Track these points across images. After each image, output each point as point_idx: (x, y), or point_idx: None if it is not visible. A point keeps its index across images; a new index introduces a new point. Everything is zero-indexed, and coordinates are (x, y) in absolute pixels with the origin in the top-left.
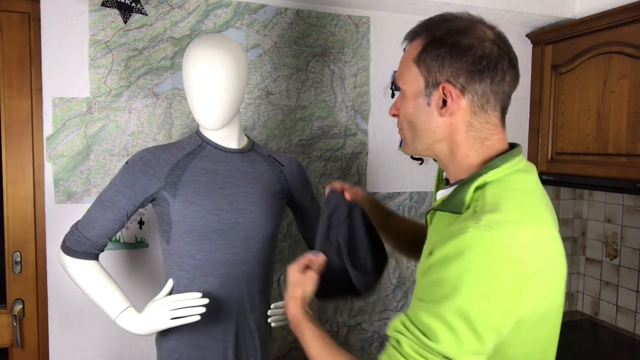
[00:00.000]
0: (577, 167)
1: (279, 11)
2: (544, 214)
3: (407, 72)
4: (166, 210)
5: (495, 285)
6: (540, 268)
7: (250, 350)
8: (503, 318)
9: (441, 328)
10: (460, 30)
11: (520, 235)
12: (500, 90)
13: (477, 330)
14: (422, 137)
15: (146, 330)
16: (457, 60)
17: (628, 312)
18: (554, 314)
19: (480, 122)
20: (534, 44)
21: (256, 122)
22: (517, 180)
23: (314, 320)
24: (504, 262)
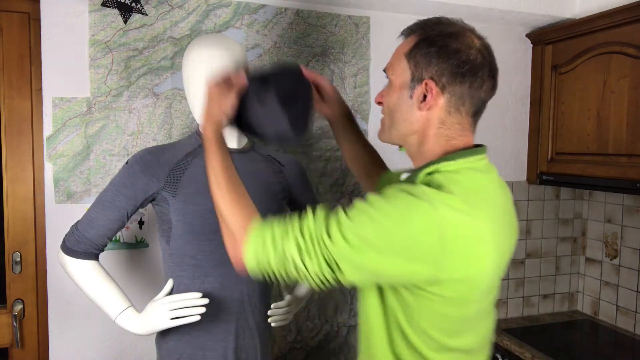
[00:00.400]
0: (577, 167)
1: (279, 11)
2: (485, 212)
3: (397, 65)
4: (166, 210)
5: (408, 237)
6: (453, 253)
7: (250, 350)
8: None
9: (336, 228)
10: (451, 35)
11: (454, 217)
12: (477, 96)
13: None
14: (399, 126)
15: (146, 330)
16: (443, 61)
17: (628, 312)
18: (472, 303)
19: (452, 122)
20: (534, 44)
21: None
22: (468, 176)
23: (222, 145)
24: (431, 225)
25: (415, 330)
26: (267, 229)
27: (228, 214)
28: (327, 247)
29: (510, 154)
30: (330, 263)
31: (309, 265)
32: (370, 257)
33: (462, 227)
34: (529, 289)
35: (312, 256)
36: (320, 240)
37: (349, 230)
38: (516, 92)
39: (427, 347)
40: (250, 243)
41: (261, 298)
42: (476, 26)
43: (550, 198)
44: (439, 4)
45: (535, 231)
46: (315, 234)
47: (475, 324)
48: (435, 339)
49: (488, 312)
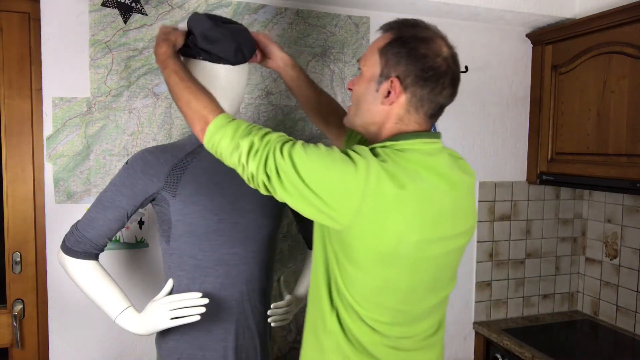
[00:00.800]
0: (577, 167)
1: (279, 11)
2: (415, 187)
3: (371, 58)
4: (166, 210)
5: (340, 180)
6: (369, 208)
7: (250, 350)
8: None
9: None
10: (423, 39)
11: (381, 178)
12: (435, 100)
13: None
14: (362, 116)
15: (146, 330)
16: (411, 64)
17: (628, 312)
18: (390, 267)
19: (409, 120)
20: (534, 44)
21: (256, 122)
22: (408, 154)
23: (177, 57)
24: (361, 178)
25: (345, 282)
26: (235, 122)
27: (197, 102)
28: (275, 158)
29: (510, 154)
30: (270, 171)
31: (251, 163)
32: (305, 185)
33: (386, 188)
34: (529, 289)
35: (257, 158)
36: (272, 150)
37: (299, 156)
38: (516, 92)
39: (355, 300)
40: (216, 123)
41: (261, 298)
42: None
43: (550, 198)
44: (439, 4)
45: (535, 231)
46: (271, 143)
47: (405, 290)
48: (362, 293)
49: (427, 286)
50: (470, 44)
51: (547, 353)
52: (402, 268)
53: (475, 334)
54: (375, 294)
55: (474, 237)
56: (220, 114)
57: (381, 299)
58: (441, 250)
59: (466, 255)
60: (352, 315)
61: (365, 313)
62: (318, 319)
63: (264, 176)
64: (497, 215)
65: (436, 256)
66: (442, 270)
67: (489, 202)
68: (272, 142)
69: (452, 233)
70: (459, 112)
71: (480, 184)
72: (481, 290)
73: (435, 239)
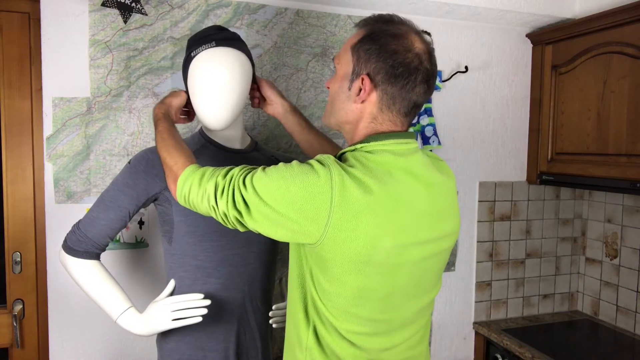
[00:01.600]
0: (577, 167)
1: (279, 11)
2: (387, 189)
3: (344, 56)
4: (168, 210)
5: (305, 195)
6: (339, 217)
7: (251, 351)
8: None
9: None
10: (394, 35)
11: (346, 184)
12: (407, 97)
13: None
14: (336, 114)
15: (147, 331)
16: (381, 60)
17: (628, 312)
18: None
19: (383, 119)
20: (534, 44)
21: (256, 122)
22: (379, 156)
23: (168, 119)
24: (326, 188)
25: (320, 295)
26: (201, 170)
27: (171, 159)
28: (240, 192)
29: (510, 154)
30: (239, 206)
31: (220, 204)
32: (272, 208)
33: (352, 195)
34: (529, 289)
35: (224, 197)
36: (236, 185)
37: (260, 181)
38: (516, 92)
39: (332, 314)
40: (183, 176)
41: (263, 299)
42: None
43: (550, 198)
44: (439, 4)
45: (535, 231)
46: (235, 179)
47: (384, 297)
48: (339, 306)
49: (406, 293)
50: (470, 44)
51: (547, 353)
52: (378, 275)
53: (475, 334)
54: (351, 305)
55: (474, 237)
56: (187, 167)
57: (358, 310)
58: (420, 255)
59: (466, 255)
60: (330, 329)
61: (342, 326)
62: (294, 336)
63: (235, 212)
64: (497, 215)
65: (415, 261)
66: (423, 275)
67: (489, 202)
68: (235, 176)
69: (431, 236)
70: (459, 112)
71: (480, 184)
72: (481, 290)
73: (412, 243)
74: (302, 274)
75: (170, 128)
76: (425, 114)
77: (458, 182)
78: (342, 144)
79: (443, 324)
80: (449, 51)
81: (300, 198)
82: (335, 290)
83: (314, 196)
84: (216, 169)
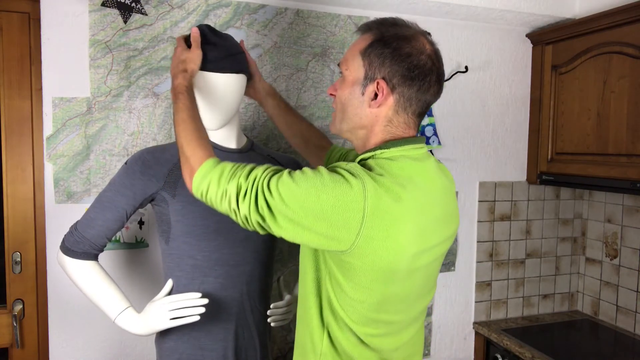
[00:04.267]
0: (577, 167)
1: (279, 11)
2: (410, 195)
3: (352, 61)
4: (165, 210)
5: (336, 204)
6: (372, 225)
7: (249, 350)
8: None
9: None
10: (406, 38)
11: (378, 193)
12: (423, 99)
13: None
14: (349, 120)
15: (146, 331)
16: (396, 63)
17: (628, 312)
18: (393, 281)
19: (398, 121)
20: (534, 44)
21: (256, 122)
22: (400, 162)
23: (192, 93)
24: (358, 197)
25: (340, 301)
26: (218, 168)
27: (188, 148)
28: (265, 196)
29: (510, 154)
30: (262, 211)
31: (242, 207)
32: (300, 215)
33: (384, 204)
34: (529, 289)
35: (246, 200)
36: (260, 188)
37: (287, 188)
38: (516, 92)
39: (351, 319)
40: (201, 172)
41: (261, 298)
42: (476, 26)
43: (550, 198)
44: (439, 4)
45: (535, 231)
46: (258, 181)
47: (400, 302)
48: (360, 311)
49: (417, 294)
50: (470, 44)
51: (547, 353)
52: (400, 281)
53: (475, 334)
54: (373, 310)
55: (474, 237)
56: (205, 161)
57: (379, 314)
58: (430, 258)
59: (466, 255)
60: (347, 333)
61: (361, 330)
62: (307, 342)
63: (258, 217)
64: (497, 215)
65: (426, 264)
66: (430, 277)
67: (489, 202)
68: (259, 179)
69: (439, 240)
70: (459, 112)
71: (480, 184)
72: (481, 290)
73: (427, 248)
74: (319, 279)
75: (192, 107)
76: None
77: (458, 182)
78: (341, 145)
79: (443, 324)
80: (449, 51)
81: (331, 207)
82: (360, 298)
83: (346, 205)
84: (236, 165)
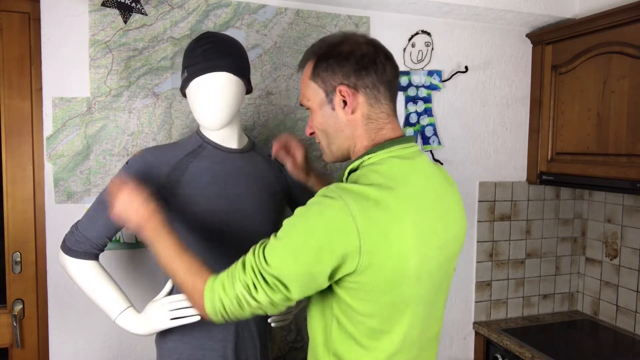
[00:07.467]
0: (577, 167)
1: (279, 11)
2: (403, 197)
3: (308, 90)
4: (165, 210)
5: (328, 233)
6: (370, 240)
7: (250, 350)
8: (299, 265)
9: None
10: (338, 43)
11: (365, 207)
12: (385, 80)
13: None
14: (335, 139)
15: (146, 331)
16: (344, 65)
17: (628, 312)
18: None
19: (376, 113)
20: (534, 44)
21: (256, 122)
22: (389, 164)
23: (163, 228)
24: (346, 218)
25: (350, 319)
26: (217, 282)
27: (184, 282)
28: (268, 272)
29: (510, 154)
30: (276, 287)
31: (258, 297)
32: (304, 262)
33: (374, 215)
34: (529, 289)
35: (258, 288)
36: (261, 269)
37: (279, 248)
38: (516, 92)
39: (362, 334)
40: (207, 299)
41: None
42: (476, 26)
43: (550, 198)
44: (439, 3)
45: (535, 231)
46: (255, 266)
47: (411, 310)
48: (369, 325)
49: (427, 301)
50: (470, 44)
51: (547, 353)
52: (407, 288)
53: (475, 334)
54: (383, 322)
55: (474, 237)
56: (205, 287)
57: (389, 326)
58: (436, 263)
59: (466, 255)
60: (357, 351)
61: (370, 344)
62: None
63: (278, 295)
64: (497, 215)
65: (433, 270)
66: (439, 285)
67: (489, 202)
68: (255, 263)
69: (443, 239)
70: (459, 112)
71: (480, 184)
72: (481, 290)
73: (430, 248)
74: (323, 302)
75: (171, 243)
76: (425, 114)
77: (458, 182)
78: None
79: (443, 324)
80: (449, 51)
81: (326, 240)
82: (367, 312)
83: (338, 232)
84: (229, 269)
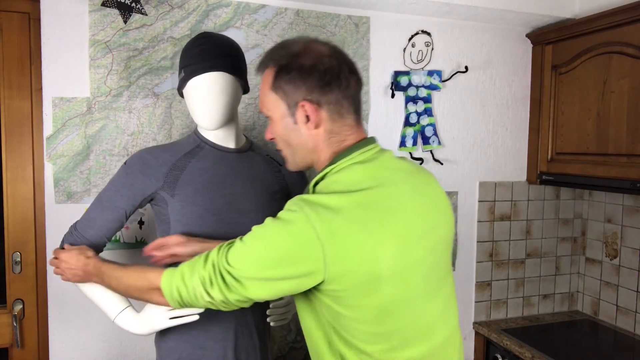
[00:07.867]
0: (577, 167)
1: (279, 11)
2: (369, 200)
3: (267, 100)
4: (165, 210)
5: (291, 245)
6: (334, 248)
7: (249, 349)
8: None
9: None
10: (300, 53)
11: (326, 217)
12: (349, 95)
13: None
14: (298, 151)
15: (145, 330)
16: (306, 80)
17: (628, 312)
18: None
19: (339, 127)
20: (534, 44)
21: (256, 122)
22: (350, 171)
23: (104, 266)
24: (308, 230)
25: (344, 327)
26: (177, 271)
27: (140, 285)
28: (228, 271)
29: (510, 154)
30: (232, 285)
31: (212, 293)
32: (266, 271)
33: (336, 223)
34: (529, 289)
35: (214, 284)
36: (221, 267)
37: (241, 253)
38: (516, 92)
39: (359, 339)
40: (165, 286)
41: None
42: (476, 26)
43: (550, 198)
44: (439, 3)
45: (535, 231)
46: (216, 263)
47: (406, 307)
48: (363, 330)
49: (425, 292)
50: (470, 44)
51: (547, 353)
52: (392, 288)
53: (475, 334)
54: (375, 324)
55: (474, 237)
56: (162, 275)
57: (382, 327)
58: (422, 252)
59: (466, 255)
60: (363, 356)
61: (369, 347)
62: None
63: (233, 294)
64: (497, 215)
65: (419, 260)
66: (431, 274)
67: (489, 202)
68: (216, 260)
69: (423, 229)
70: (459, 112)
71: (480, 184)
72: (481, 290)
73: (411, 240)
74: (316, 311)
75: (104, 267)
76: (425, 114)
77: (458, 182)
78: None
79: None
80: (449, 51)
81: (286, 249)
82: (357, 317)
83: (299, 240)
84: (193, 260)
